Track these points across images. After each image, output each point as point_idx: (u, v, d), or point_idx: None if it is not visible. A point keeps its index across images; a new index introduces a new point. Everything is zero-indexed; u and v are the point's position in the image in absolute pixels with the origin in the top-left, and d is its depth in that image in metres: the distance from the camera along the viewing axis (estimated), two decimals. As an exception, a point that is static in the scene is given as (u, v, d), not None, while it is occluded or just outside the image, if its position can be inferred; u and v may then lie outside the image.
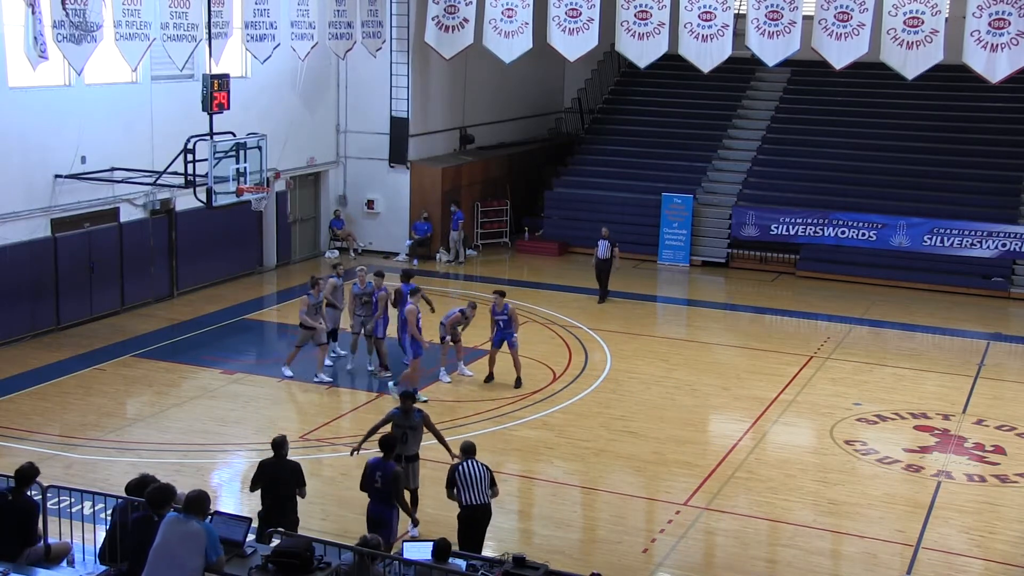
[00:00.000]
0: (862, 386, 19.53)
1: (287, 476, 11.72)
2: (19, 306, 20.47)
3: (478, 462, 12.06)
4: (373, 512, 12.07)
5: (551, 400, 18.12)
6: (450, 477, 11.99)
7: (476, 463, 12.03)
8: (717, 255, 29.19)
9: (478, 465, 12.01)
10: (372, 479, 11.97)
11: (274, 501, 11.75)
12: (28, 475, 10.25)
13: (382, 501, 11.98)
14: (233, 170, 20.61)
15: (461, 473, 11.93)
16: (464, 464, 12.01)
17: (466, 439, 12.65)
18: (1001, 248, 26.80)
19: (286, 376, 18.82)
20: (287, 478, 11.71)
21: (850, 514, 14.31)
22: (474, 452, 12.18)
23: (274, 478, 11.74)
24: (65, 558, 10.52)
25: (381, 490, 11.92)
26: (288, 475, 11.72)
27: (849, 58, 22.81)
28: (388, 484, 11.89)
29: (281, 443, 11.79)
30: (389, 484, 11.89)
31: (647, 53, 23.99)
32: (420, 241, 28.64)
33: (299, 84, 27.34)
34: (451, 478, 11.97)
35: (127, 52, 20.59)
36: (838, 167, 29.92)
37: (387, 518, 11.97)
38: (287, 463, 11.79)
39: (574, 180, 31.58)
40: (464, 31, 25.79)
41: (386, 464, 11.98)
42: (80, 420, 16.82)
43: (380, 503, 12.00)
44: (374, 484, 11.96)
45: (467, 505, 11.91)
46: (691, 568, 12.97)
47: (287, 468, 11.76)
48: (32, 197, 20.63)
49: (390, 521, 11.99)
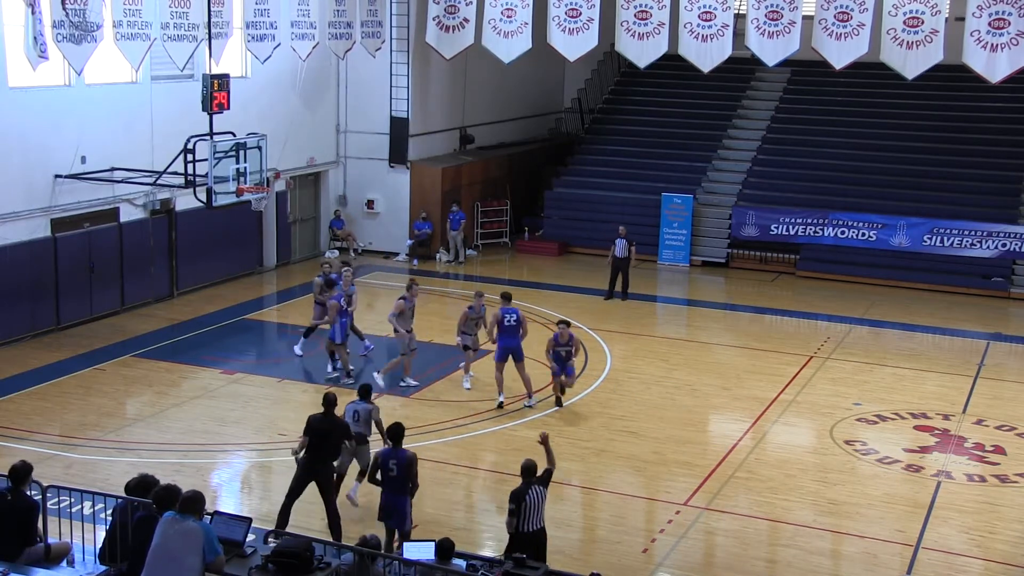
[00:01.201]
0: (862, 386, 19.53)
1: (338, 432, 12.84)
2: (19, 306, 20.47)
3: (539, 484, 11.31)
4: (387, 502, 12.03)
5: (551, 400, 18.10)
6: (516, 504, 11.10)
7: (537, 487, 11.26)
8: (717, 255, 29.20)
9: (540, 488, 11.28)
10: (386, 468, 11.94)
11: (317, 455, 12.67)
12: (21, 472, 10.23)
13: (397, 491, 11.95)
14: (233, 170, 20.61)
15: (528, 501, 11.11)
16: (531, 490, 11.19)
17: (527, 460, 11.53)
18: (1001, 248, 26.80)
19: (379, 387, 17.91)
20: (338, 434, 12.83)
21: (850, 514, 14.31)
22: (535, 473, 11.34)
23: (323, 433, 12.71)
24: (65, 558, 10.51)
25: (396, 478, 11.88)
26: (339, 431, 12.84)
27: (849, 58, 22.80)
28: (403, 471, 11.88)
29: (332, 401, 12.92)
30: (404, 471, 11.88)
31: (647, 53, 23.98)
32: (420, 241, 28.64)
33: (299, 84, 27.34)
34: (517, 506, 11.09)
35: (128, 52, 20.59)
36: (838, 167, 29.92)
37: (402, 507, 11.99)
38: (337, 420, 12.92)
39: (574, 180, 31.58)
40: (465, 31, 25.79)
41: (399, 451, 11.99)
42: (80, 420, 16.82)
43: (395, 493, 11.97)
44: (389, 473, 11.92)
45: (522, 532, 11.13)
46: (691, 568, 12.97)
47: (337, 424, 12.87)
48: (32, 197, 20.63)
49: (404, 509, 12.02)
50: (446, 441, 16.45)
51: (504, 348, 17.55)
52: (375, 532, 10.14)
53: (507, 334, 17.56)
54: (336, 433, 12.82)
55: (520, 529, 11.09)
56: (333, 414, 12.85)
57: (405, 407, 17.80)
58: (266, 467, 15.27)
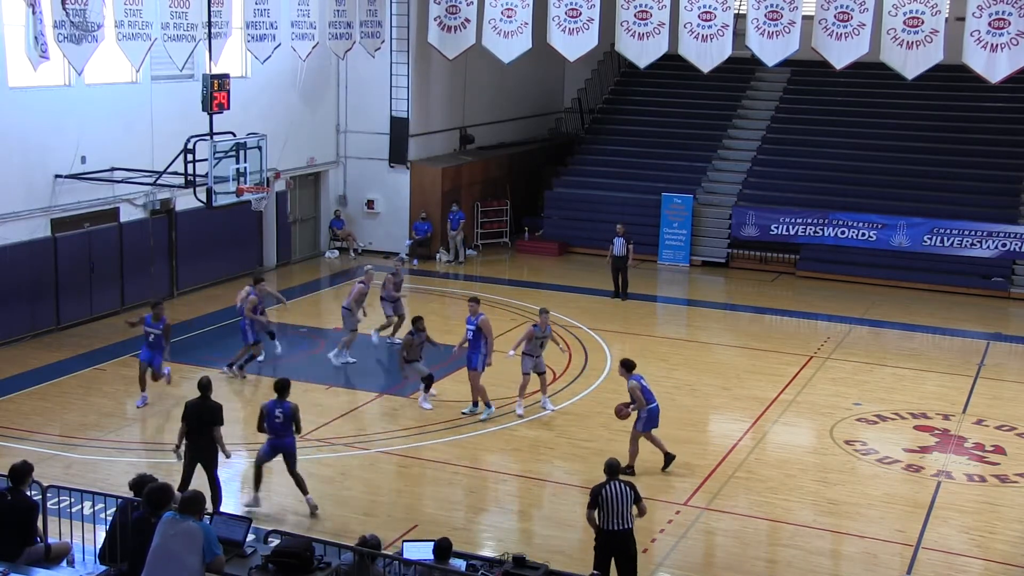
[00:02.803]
0: (862, 386, 19.53)
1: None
2: (19, 306, 20.47)
3: (623, 482, 11.43)
4: (278, 444, 13.69)
5: (551, 400, 18.09)
6: (593, 498, 11.37)
7: (620, 483, 11.39)
8: (717, 255, 29.20)
9: (622, 486, 11.38)
10: (272, 416, 13.59)
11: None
12: (21, 472, 10.24)
13: (284, 435, 13.65)
14: (233, 170, 20.62)
15: (605, 495, 11.31)
16: (609, 485, 11.36)
17: (611, 458, 11.83)
18: (1001, 248, 26.80)
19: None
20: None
21: (850, 514, 14.31)
22: (618, 472, 11.58)
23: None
24: (65, 558, 10.52)
25: (283, 424, 13.58)
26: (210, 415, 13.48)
27: (849, 58, 22.81)
28: (289, 418, 13.61)
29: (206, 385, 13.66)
30: (290, 418, 13.61)
31: (647, 53, 23.99)
32: (420, 241, 28.64)
33: (299, 84, 27.34)
34: (593, 499, 11.35)
35: (129, 52, 20.60)
36: (838, 167, 29.92)
37: (291, 445, 13.74)
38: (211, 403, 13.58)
39: (574, 180, 31.58)
40: (466, 31, 25.79)
41: (283, 403, 13.64)
42: (80, 420, 16.83)
43: (283, 436, 13.65)
44: (276, 420, 13.58)
45: (607, 530, 11.33)
46: (691, 568, 12.97)
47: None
48: (32, 197, 20.64)
49: (293, 448, 13.78)
50: (446, 441, 16.45)
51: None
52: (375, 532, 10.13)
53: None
54: (207, 415, 13.48)
55: (606, 527, 11.36)
56: (208, 398, 13.64)
57: (405, 407, 17.82)
58: (266, 467, 15.25)
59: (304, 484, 13.78)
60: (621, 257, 25.07)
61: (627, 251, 25.05)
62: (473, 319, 17.37)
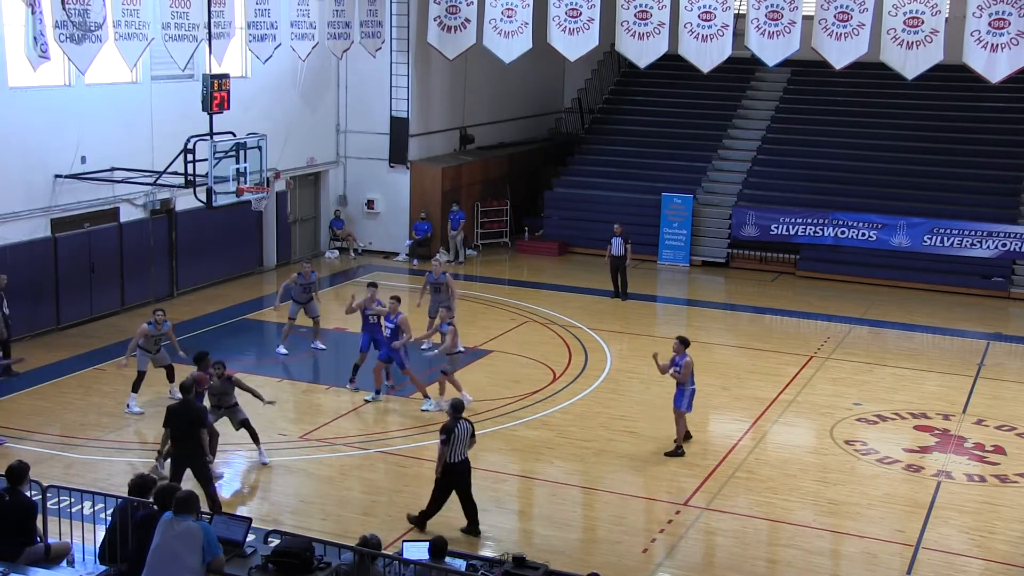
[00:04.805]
0: (862, 386, 19.53)
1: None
2: (19, 306, 20.42)
3: (467, 420, 13.41)
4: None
5: (551, 400, 18.11)
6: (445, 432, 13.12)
7: (466, 422, 13.37)
8: (717, 255, 29.20)
9: (466, 423, 13.35)
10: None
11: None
12: (19, 472, 10.24)
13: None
14: (233, 170, 20.61)
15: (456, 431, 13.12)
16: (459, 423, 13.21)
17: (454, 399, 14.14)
18: (1001, 248, 26.80)
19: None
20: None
21: (850, 514, 14.31)
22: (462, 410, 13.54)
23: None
24: (65, 558, 10.52)
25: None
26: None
27: (849, 58, 22.78)
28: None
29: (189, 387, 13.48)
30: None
31: (647, 53, 23.97)
32: (420, 241, 28.64)
33: (299, 84, 27.34)
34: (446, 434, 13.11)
35: (125, 52, 20.57)
36: (838, 167, 29.92)
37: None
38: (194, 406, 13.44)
39: (574, 180, 31.58)
40: (466, 31, 25.77)
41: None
42: (80, 420, 16.82)
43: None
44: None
45: (452, 462, 13.14)
46: (691, 568, 12.97)
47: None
48: (32, 197, 20.64)
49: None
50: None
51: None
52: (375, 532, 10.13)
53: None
54: (191, 418, 13.25)
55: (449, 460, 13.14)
56: (189, 400, 13.43)
57: (404, 406, 17.82)
58: (266, 467, 15.28)
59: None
60: (619, 257, 25.11)
61: (625, 251, 25.07)
62: (392, 317, 17.79)
